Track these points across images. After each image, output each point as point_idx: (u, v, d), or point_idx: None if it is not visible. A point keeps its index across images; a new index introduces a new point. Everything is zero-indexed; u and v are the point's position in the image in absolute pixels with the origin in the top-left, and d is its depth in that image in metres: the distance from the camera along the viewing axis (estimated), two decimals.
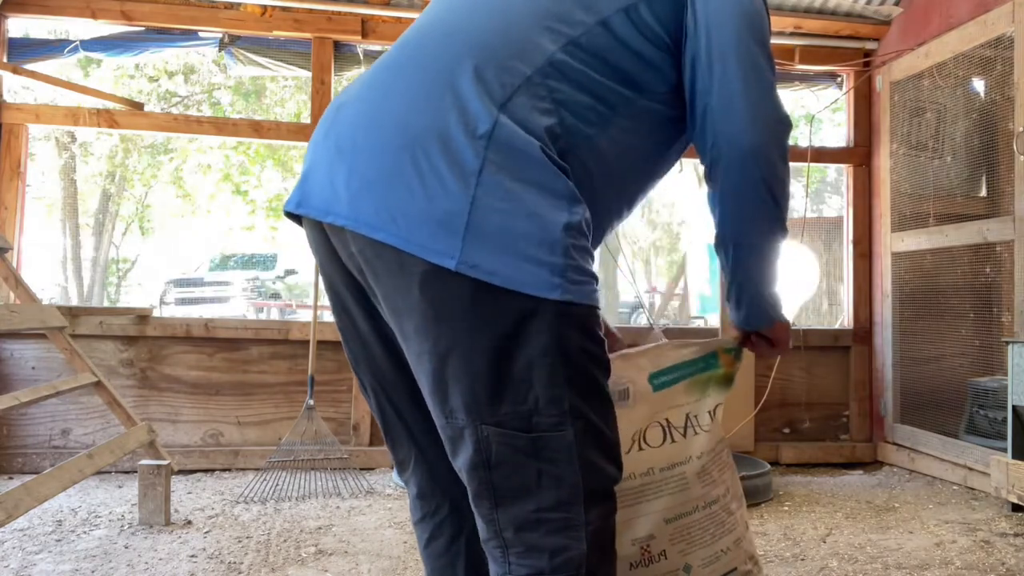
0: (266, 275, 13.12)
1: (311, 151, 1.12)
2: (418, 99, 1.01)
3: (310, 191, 1.07)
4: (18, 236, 3.55)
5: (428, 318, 0.96)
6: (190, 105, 10.08)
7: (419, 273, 0.95)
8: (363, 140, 1.02)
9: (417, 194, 0.95)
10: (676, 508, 1.34)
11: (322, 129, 1.11)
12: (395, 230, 0.96)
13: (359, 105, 1.07)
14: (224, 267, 13.49)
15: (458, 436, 0.98)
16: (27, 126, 3.61)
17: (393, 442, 1.22)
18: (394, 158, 0.98)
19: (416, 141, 0.97)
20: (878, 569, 2.22)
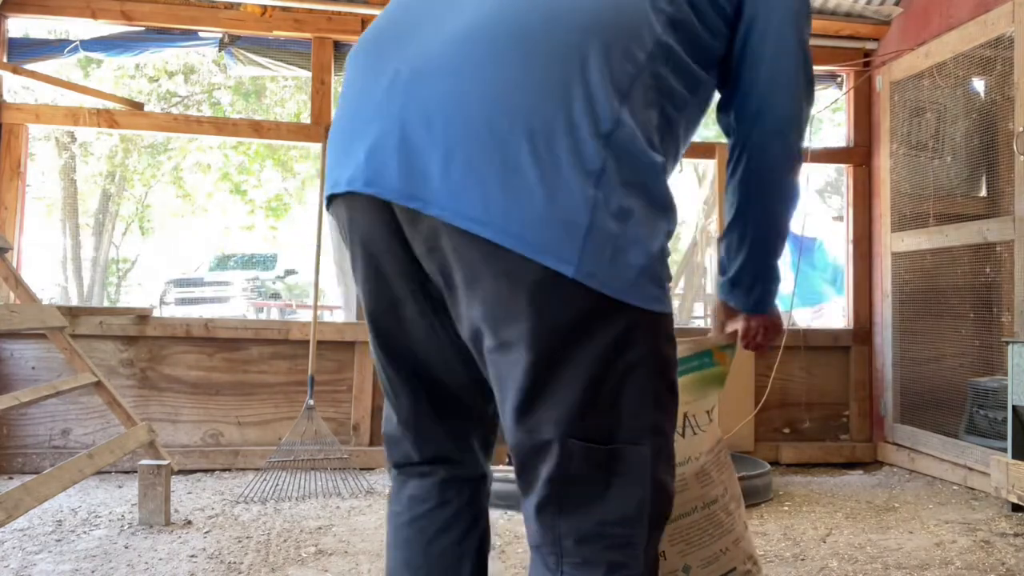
0: (266, 275, 13.13)
1: (363, 122, 0.98)
2: (540, 81, 0.89)
3: (380, 170, 0.93)
4: (18, 236, 3.55)
5: (535, 327, 0.89)
6: (190, 105, 10.08)
7: (530, 278, 0.87)
8: (465, 121, 0.89)
9: (535, 191, 0.87)
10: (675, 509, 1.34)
11: (376, 98, 0.97)
12: (506, 228, 0.87)
13: (451, 80, 0.92)
14: (224, 267, 13.50)
15: (540, 449, 0.93)
16: (27, 126, 3.61)
17: (418, 433, 1.16)
18: (510, 147, 0.87)
19: (538, 131, 0.87)
20: (878, 569, 2.22)
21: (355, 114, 1.01)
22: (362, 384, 3.64)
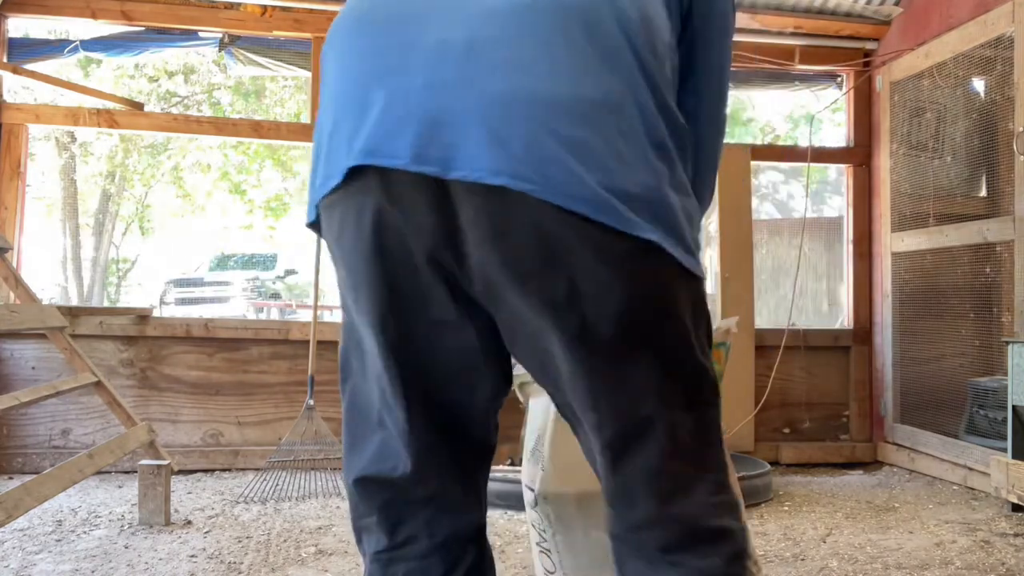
0: (266, 275, 13.13)
1: (401, 96, 0.88)
2: (606, 55, 0.89)
3: (454, 145, 0.85)
4: (18, 236, 3.55)
5: (633, 303, 0.87)
6: (190, 105, 10.08)
7: (624, 253, 0.86)
8: (544, 95, 0.86)
9: (627, 163, 0.86)
10: None
11: (417, 68, 0.89)
12: (599, 203, 0.84)
13: (518, 51, 0.87)
14: (224, 267, 13.50)
15: (644, 427, 0.90)
16: (27, 126, 3.61)
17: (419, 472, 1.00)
18: (589, 121, 0.86)
19: (619, 105, 0.88)
20: (878, 569, 2.21)
21: (381, 89, 0.90)
22: None
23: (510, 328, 0.93)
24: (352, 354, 1.03)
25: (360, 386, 1.02)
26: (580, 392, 0.91)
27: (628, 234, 0.85)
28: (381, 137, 0.88)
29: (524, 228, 0.86)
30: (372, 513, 1.02)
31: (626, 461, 0.91)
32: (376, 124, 0.88)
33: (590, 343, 0.88)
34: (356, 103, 0.91)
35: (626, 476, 0.92)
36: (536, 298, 0.88)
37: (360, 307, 0.96)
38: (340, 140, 0.92)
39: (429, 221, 0.88)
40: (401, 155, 0.86)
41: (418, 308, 0.94)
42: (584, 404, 0.92)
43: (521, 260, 0.87)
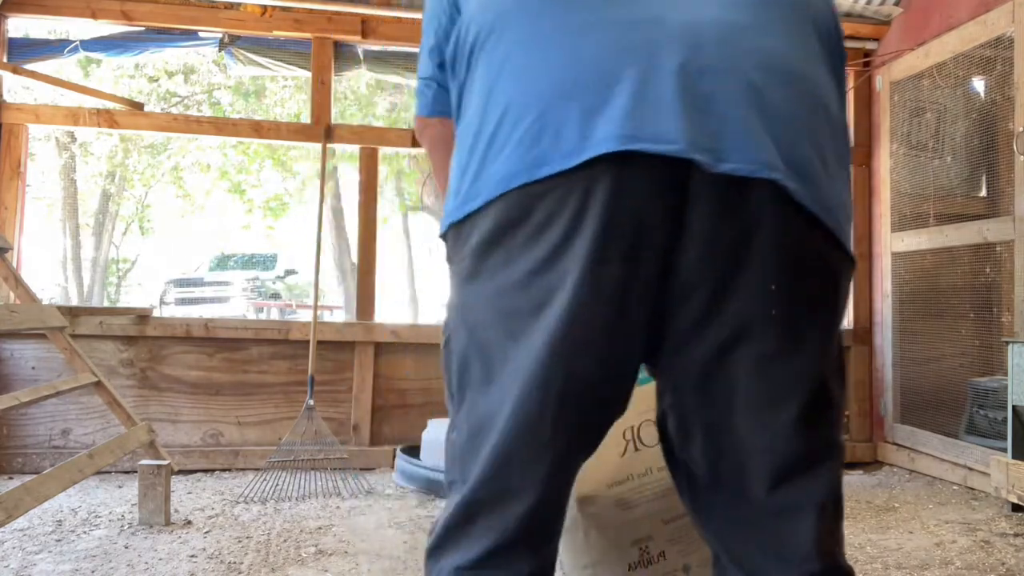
0: (266, 275, 13.15)
1: (642, 73, 0.79)
2: (824, 55, 0.87)
3: (719, 129, 0.78)
4: (18, 236, 3.55)
5: (834, 319, 0.87)
6: (190, 105, 10.08)
7: (836, 265, 0.85)
8: (796, 88, 0.82)
9: (831, 169, 0.83)
10: (674, 509, 1.34)
11: (661, 45, 0.79)
12: (828, 209, 0.82)
13: (769, 40, 0.82)
14: (224, 267, 13.52)
15: (824, 453, 0.88)
16: (27, 126, 3.61)
17: (514, 481, 0.86)
18: (818, 120, 0.83)
19: (822, 102, 0.84)
20: (878, 569, 2.21)
21: (631, 67, 0.79)
22: (362, 384, 3.64)
23: (687, 336, 0.84)
24: (474, 361, 0.89)
25: (484, 400, 0.88)
26: (753, 411, 0.83)
27: (847, 251, 0.85)
28: (643, 120, 0.77)
29: (772, 230, 0.79)
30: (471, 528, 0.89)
31: (792, 492, 0.85)
32: (634, 105, 0.78)
33: (799, 361, 0.84)
34: (593, 81, 0.80)
35: (786, 509, 0.85)
36: (763, 303, 0.80)
37: (533, 317, 0.82)
38: (564, 119, 0.80)
39: (659, 218, 0.79)
40: (675, 140, 0.76)
41: (614, 316, 0.82)
42: (754, 425, 0.84)
43: (762, 264, 0.80)
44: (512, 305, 0.83)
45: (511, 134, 0.82)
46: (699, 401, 0.86)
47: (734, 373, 0.83)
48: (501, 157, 0.83)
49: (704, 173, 0.77)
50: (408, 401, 3.70)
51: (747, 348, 0.82)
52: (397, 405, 3.69)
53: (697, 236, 0.79)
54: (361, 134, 3.96)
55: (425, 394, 3.71)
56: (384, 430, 3.67)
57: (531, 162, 0.80)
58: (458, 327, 0.90)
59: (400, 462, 3.27)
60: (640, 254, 0.80)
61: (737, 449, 0.85)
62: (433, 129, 1.13)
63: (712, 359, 0.83)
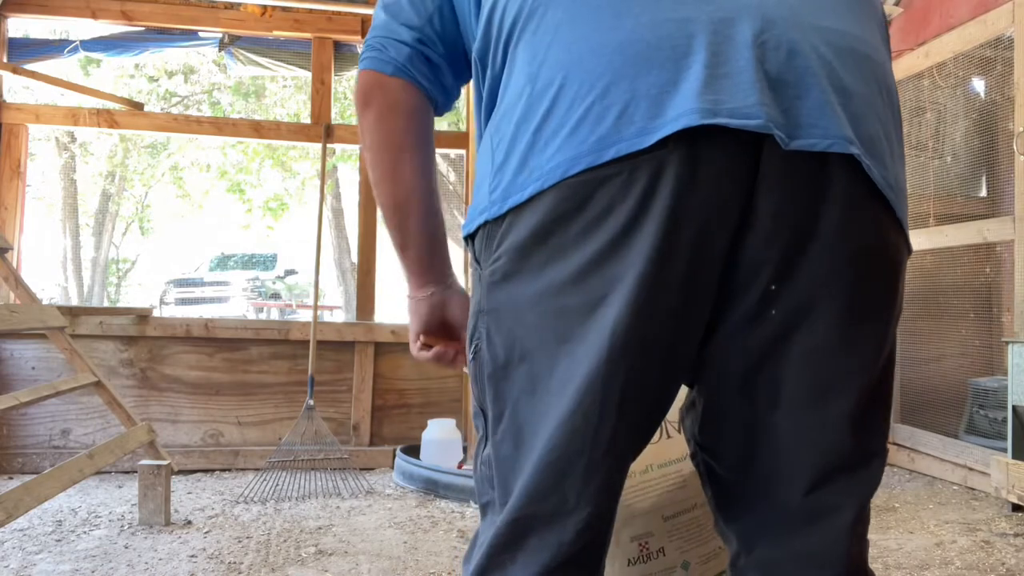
0: (266, 275, 13.16)
1: (725, 39, 0.74)
2: (866, 27, 0.82)
3: (801, 107, 0.73)
4: (18, 236, 3.55)
5: (891, 312, 0.81)
6: (190, 105, 10.09)
7: (902, 252, 0.80)
8: (866, 66, 0.78)
9: (896, 151, 0.80)
10: (674, 505, 1.34)
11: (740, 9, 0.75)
12: (894, 195, 0.77)
13: (833, 15, 0.78)
14: (224, 267, 13.52)
15: (869, 456, 0.81)
16: (27, 126, 3.61)
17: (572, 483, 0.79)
18: (880, 98, 0.79)
19: (886, 84, 0.81)
20: (878, 569, 2.21)
21: (702, 35, 0.74)
22: (362, 384, 3.64)
23: (741, 329, 0.78)
24: (516, 368, 0.80)
25: (529, 409, 0.80)
26: (799, 407, 0.78)
27: (908, 238, 0.81)
28: (720, 93, 0.71)
29: (842, 209, 0.74)
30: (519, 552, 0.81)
31: (830, 495, 0.80)
32: (709, 78, 0.72)
33: (856, 353, 0.78)
34: (661, 55, 0.73)
35: (824, 511, 0.80)
36: (824, 287, 0.75)
37: (590, 316, 0.75)
38: (633, 97, 0.73)
39: (730, 200, 0.73)
40: (755, 114, 0.71)
41: (680, 311, 0.75)
42: (799, 422, 0.78)
43: (828, 245, 0.74)
44: (562, 305, 0.76)
45: (567, 117, 0.75)
46: (741, 396, 0.81)
47: (784, 366, 0.78)
48: (555, 142, 0.75)
49: (776, 150, 0.72)
50: (408, 401, 3.70)
51: (802, 338, 0.76)
52: (397, 405, 3.69)
53: (764, 216, 0.74)
54: None
55: (425, 394, 3.71)
56: (384, 430, 3.67)
57: (595, 144, 0.72)
58: (492, 334, 0.82)
59: (400, 462, 3.27)
60: (710, 241, 0.74)
61: (777, 447, 0.80)
62: (392, 93, 0.95)
63: (762, 352, 0.78)
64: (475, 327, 0.84)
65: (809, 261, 0.75)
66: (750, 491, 0.83)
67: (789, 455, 0.80)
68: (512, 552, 0.80)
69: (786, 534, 0.82)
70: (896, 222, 0.78)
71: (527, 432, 0.79)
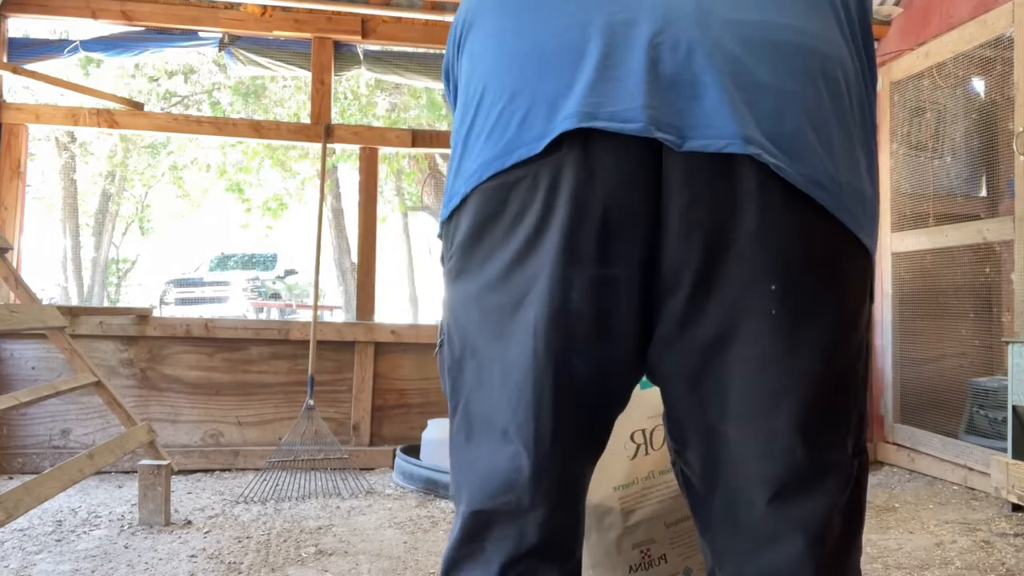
0: (266, 275, 13.16)
1: (623, 41, 0.73)
2: (804, 15, 0.77)
3: (687, 108, 0.72)
4: (18, 236, 3.55)
5: (841, 308, 0.76)
6: (190, 105, 10.08)
7: (843, 250, 0.76)
8: (790, 60, 0.74)
9: (836, 145, 0.75)
10: (676, 512, 1.34)
11: (639, 14, 0.74)
12: (824, 193, 0.73)
13: (755, 7, 0.75)
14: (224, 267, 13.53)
15: (826, 469, 0.77)
16: (27, 126, 3.61)
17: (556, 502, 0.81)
18: (810, 91, 0.74)
19: (828, 74, 0.76)
20: (878, 569, 2.21)
21: (597, 38, 0.74)
22: (362, 384, 3.64)
23: (675, 335, 0.77)
24: (467, 363, 0.84)
25: (479, 403, 0.83)
26: (746, 417, 0.76)
27: (854, 235, 0.75)
28: (603, 96, 0.72)
29: (756, 213, 0.72)
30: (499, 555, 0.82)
31: (790, 507, 0.77)
32: (596, 81, 0.72)
33: (795, 360, 0.74)
34: (560, 60, 0.75)
35: (779, 531, 0.77)
36: (750, 297, 0.73)
37: (515, 314, 0.77)
38: (533, 103, 0.75)
39: (635, 205, 0.73)
40: (635, 118, 0.71)
41: (594, 311, 0.76)
42: (747, 433, 0.77)
43: (747, 252, 0.72)
44: (494, 303, 0.79)
45: (484, 124, 0.79)
46: (691, 405, 0.79)
47: (725, 375, 0.76)
48: (476, 148, 0.79)
49: (676, 154, 0.71)
50: (408, 401, 3.70)
51: (737, 348, 0.74)
52: (397, 405, 3.69)
53: (673, 218, 0.73)
54: (361, 134, 3.96)
55: (425, 394, 3.71)
56: (384, 430, 3.67)
57: (502, 149, 0.76)
58: (450, 328, 0.86)
59: (400, 462, 3.27)
60: (616, 244, 0.74)
61: (732, 459, 0.78)
62: None
63: (701, 359, 0.76)
64: (442, 321, 0.89)
65: (732, 266, 0.73)
66: (718, 503, 0.81)
67: (745, 467, 0.77)
68: (478, 545, 0.81)
69: (753, 550, 0.79)
70: (828, 219, 0.74)
71: (476, 427, 0.82)
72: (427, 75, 4.09)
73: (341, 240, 11.49)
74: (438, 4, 3.80)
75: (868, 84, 0.83)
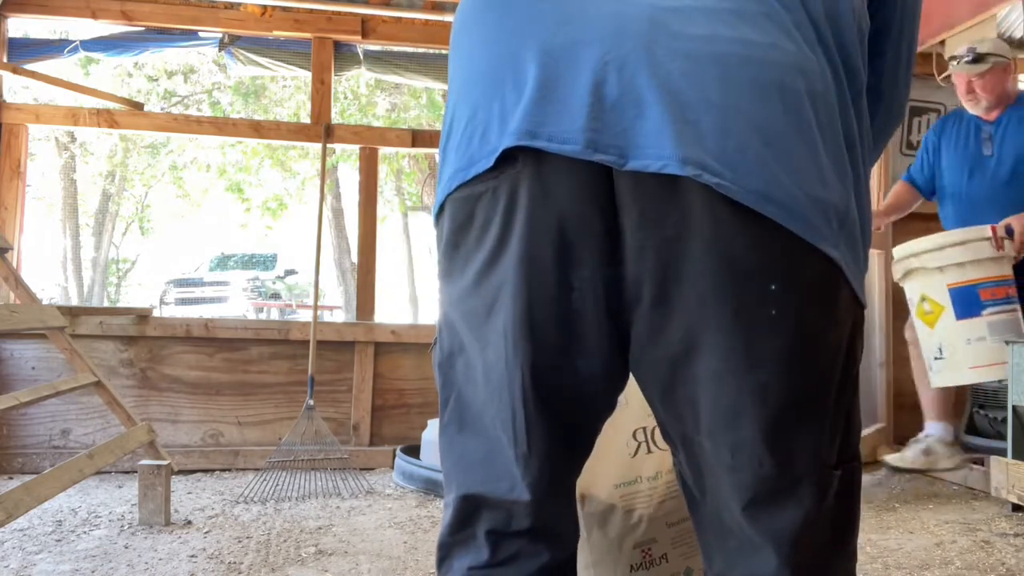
0: (266, 275, 13.17)
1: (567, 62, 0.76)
2: (762, 27, 0.76)
3: (632, 126, 0.73)
4: (18, 236, 3.55)
5: (801, 323, 0.75)
6: (190, 105, 10.09)
7: (800, 264, 0.74)
8: (717, 73, 0.73)
9: (794, 158, 0.74)
10: (677, 512, 1.34)
11: (587, 30, 0.76)
12: (790, 207, 0.73)
13: (709, 24, 0.75)
14: (224, 267, 13.53)
15: (794, 482, 0.77)
16: (27, 126, 3.61)
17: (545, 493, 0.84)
18: (763, 106, 0.74)
19: (786, 86, 0.75)
20: (878, 569, 2.21)
21: (535, 60, 0.77)
22: (362, 384, 3.64)
23: (645, 346, 0.79)
24: (456, 358, 0.87)
25: (469, 396, 0.86)
26: (715, 429, 0.77)
27: (814, 248, 0.74)
28: (545, 116, 0.74)
29: (704, 231, 0.73)
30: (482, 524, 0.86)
31: (763, 517, 0.77)
32: (539, 100, 0.75)
33: (754, 374, 0.75)
34: (514, 78, 0.78)
35: (756, 533, 0.78)
36: (706, 314, 0.74)
37: (488, 319, 0.81)
38: (489, 119, 0.79)
39: (590, 222, 0.76)
40: (572, 139, 0.73)
41: (559, 327, 0.79)
42: (717, 443, 0.78)
43: (699, 270, 0.74)
44: (470, 306, 0.83)
45: (453, 139, 0.84)
46: (669, 415, 0.81)
47: (695, 388, 0.77)
48: (449, 160, 0.84)
49: (624, 175, 0.73)
50: (408, 401, 3.70)
51: (701, 361, 0.76)
52: (397, 405, 3.69)
53: (629, 239, 0.75)
54: (361, 134, 3.96)
55: (425, 394, 3.71)
56: (384, 430, 3.67)
57: (466, 163, 0.80)
58: (442, 326, 0.91)
59: (400, 462, 3.27)
60: (575, 256, 0.77)
61: (710, 467, 0.80)
62: None
63: (671, 371, 0.78)
64: (437, 319, 0.93)
65: (685, 282, 0.74)
66: (708, 506, 0.83)
67: (720, 477, 0.79)
68: (471, 527, 0.85)
69: (736, 557, 0.80)
70: (785, 233, 0.73)
71: (467, 419, 0.86)
72: (427, 75, 4.09)
73: (341, 240, 11.50)
74: (438, 4, 3.80)
75: (847, 90, 0.81)
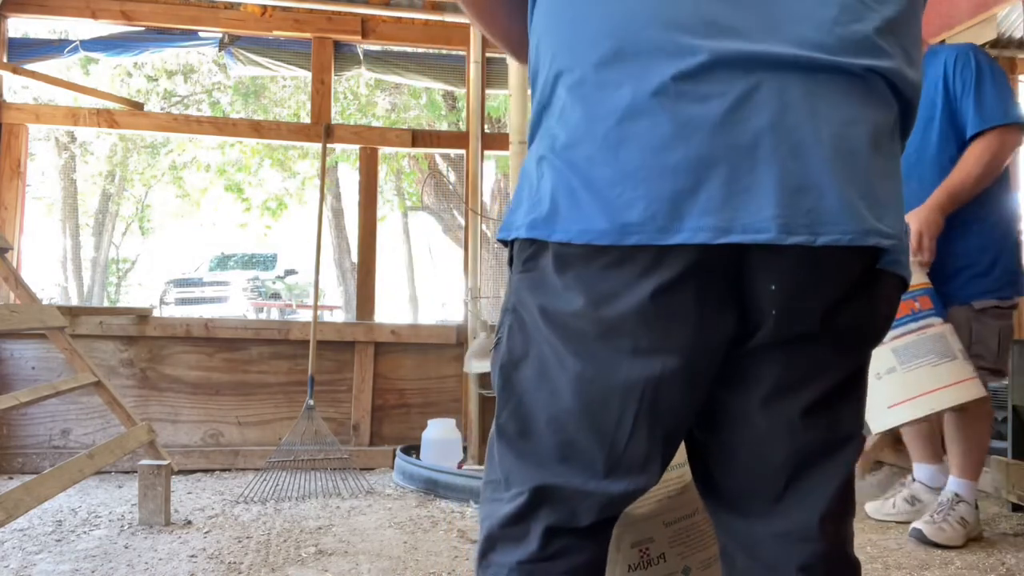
0: (266, 275, 13.16)
1: (748, 143, 0.77)
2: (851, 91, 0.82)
3: (821, 206, 0.77)
4: (18, 236, 3.55)
5: (877, 321, 0.91)
6: (190, 105, 10.08)
7: (887, 287, 0.88)
8: (834, 128, 0.79)
9: (891, 193, 0.85)
10: (675, 511, 1.34)
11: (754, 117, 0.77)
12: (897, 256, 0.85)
13: (832, 84, 0.80)
14: (224, 267, 13.53)
15: (839, 445, 0.89)
16: (27, 126, 3.61)
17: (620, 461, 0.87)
18: (862, 157, 0.81)
19: (863, 134, 0.83)
20: (878, 569, 2.21)
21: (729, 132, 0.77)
22: (362, 384, 3.64)
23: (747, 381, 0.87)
24: (524, 364, 0.88)
25: (540, 401, 0.87)
26: (774, 400, 0.86)
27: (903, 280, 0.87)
28: (736, 209, 0.77)
29: (835, 280, 0.82)
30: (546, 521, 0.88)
31: (810, 476, 0.88)
32: (727, 192, 0.77)
33: (823, 351, 0.86)
34: (687, 163, 0.78)
35: (801, 494, 0.89)
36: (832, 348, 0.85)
37: (602, 340, 0.83)
38: (656, 194, 0.78)
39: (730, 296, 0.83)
40: (766, 228, 0.76)
41: (693, 378, 0.85)
42: (773, 414, 0.87)
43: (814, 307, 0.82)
44: (579, 327, 0.83)
45: (596, 187, 0.80)
46: (726, 392, 0.88)
47: (759, 364, 0.85)
48: (594, 203, 0.80)
49: (768, 249, 0.78)
50: (408, 401, 3.70)
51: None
52: (397, 405, 3.69)
53: (772, 309, 0.82)
54: (361, 134, 3.96)
55: (425, 394, 3.71)
56: (384, 430, 3.67)
57: (620, 228, 0.78)
58: (510, 330, 0.90)
59: (400, 462, 3.27)
60: (714, 325, 0.82)
61: (759, 439, 0.88)
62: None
63: (742, 354, 0.86)
64: (502, 321, 0.92)
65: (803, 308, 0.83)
66: (739, 478, 0.91)
67: (769, 443, 0.88)
68: (528, 522, 0.87)
69: (771, 518, 0.89)
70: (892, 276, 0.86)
71: (534, 424, 0.87)
72: (427, 75, 4.10)
73: (341, 240, 11.49)
74: (438, 4, 3.80)
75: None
